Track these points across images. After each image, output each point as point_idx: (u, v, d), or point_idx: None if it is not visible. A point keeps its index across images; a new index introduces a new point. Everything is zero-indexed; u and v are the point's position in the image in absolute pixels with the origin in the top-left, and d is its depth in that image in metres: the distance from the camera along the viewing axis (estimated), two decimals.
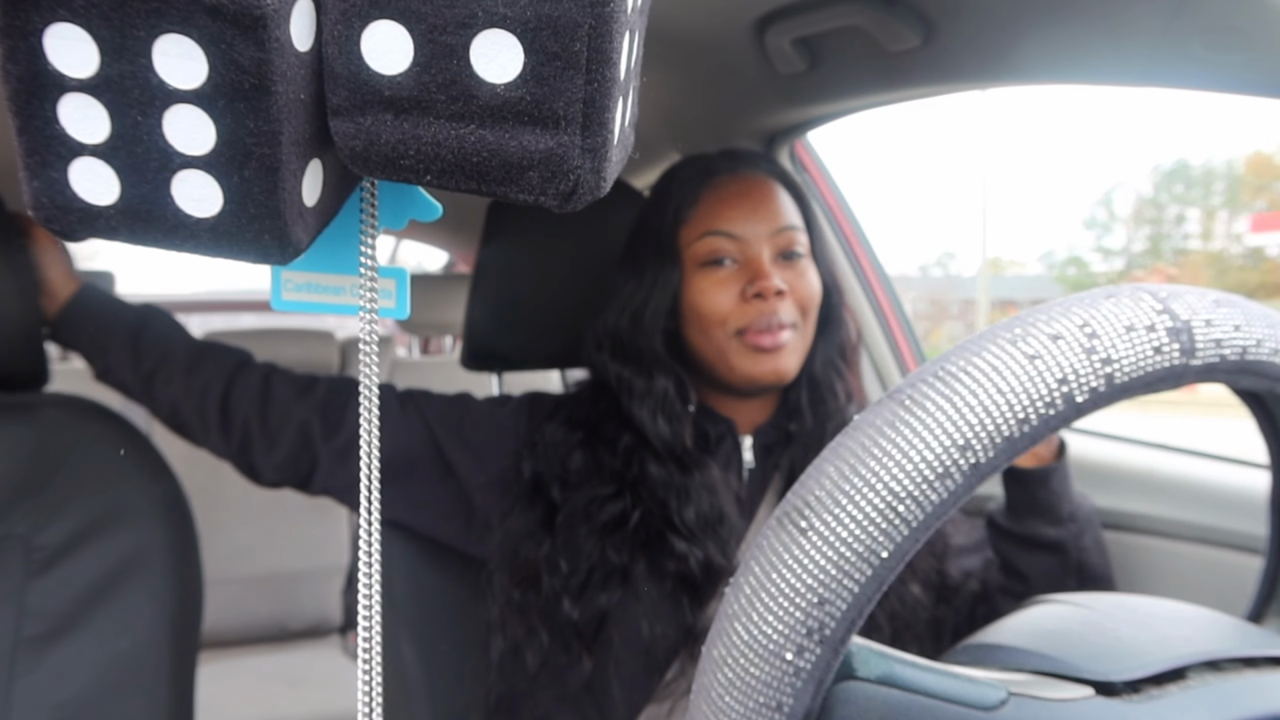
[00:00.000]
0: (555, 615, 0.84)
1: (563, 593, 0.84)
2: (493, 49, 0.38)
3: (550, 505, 0.87)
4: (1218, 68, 0.77)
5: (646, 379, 0.88)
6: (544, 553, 0.85)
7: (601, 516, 0.85)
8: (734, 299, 0.86)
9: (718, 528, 0.85)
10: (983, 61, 0.97)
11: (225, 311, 3.65)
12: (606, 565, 0.83)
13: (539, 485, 0.88)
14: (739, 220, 0.87)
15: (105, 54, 0.36)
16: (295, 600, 2.32)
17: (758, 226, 0.87)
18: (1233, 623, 0.44)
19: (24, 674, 0.79)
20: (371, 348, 0.47)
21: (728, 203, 0.88)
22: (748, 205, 0.88)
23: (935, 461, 0.32)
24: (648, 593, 0.82)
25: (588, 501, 0.86)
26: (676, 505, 0.84)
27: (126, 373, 0.91)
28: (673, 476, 0.85)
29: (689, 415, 0.88)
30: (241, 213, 0.39)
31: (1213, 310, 0.36)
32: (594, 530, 0.84)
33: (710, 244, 0.87)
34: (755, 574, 0.33)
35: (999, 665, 0.40)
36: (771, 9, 0.99)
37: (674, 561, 0.83)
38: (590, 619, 0.83)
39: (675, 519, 0.84)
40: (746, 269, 0.86)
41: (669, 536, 0.83)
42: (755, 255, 0.86)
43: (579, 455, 0.88)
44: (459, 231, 2.38)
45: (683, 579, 0.82)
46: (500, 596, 0.88)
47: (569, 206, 0.41)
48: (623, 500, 0.85)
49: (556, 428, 0.91)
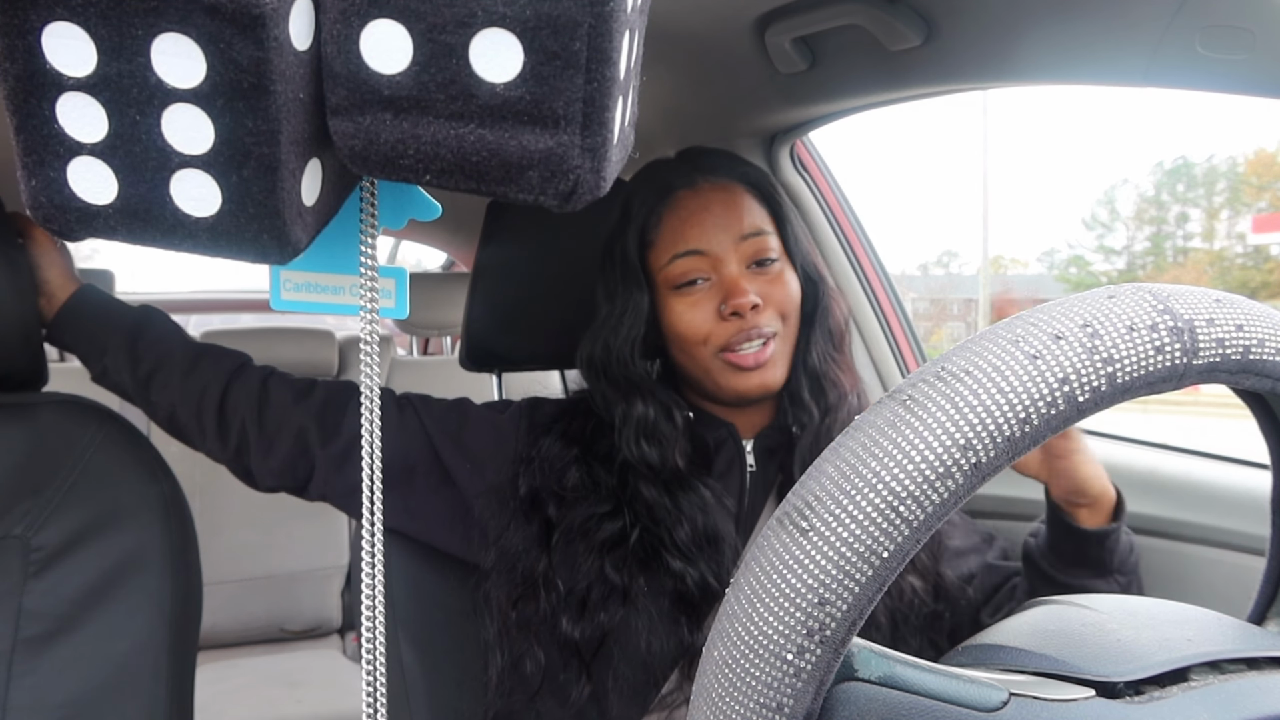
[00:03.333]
0: (554, 633, 0.84)
1: (561, 611, 0.83)
2: (492, 48, 0.38)
3: (547, 522, 0.87)
4: (1219, 68, 0.77)
5: (626, 404, 0.88)
6: (541, 570, 0.85)
7: (600, 535, 0.84)
8: (711, 318, 0.85)
9: (713, 547, 0.84)
10: (983, 61, 0.97)
11: (224, 311, 3.65)
12: (606, 584, 0.83)
13: (536, 501, 0.88)
14: (704, 236, 0.86)
15: (103, 53, 0.36)
16: (294, 601, 2.32)
17: (723, 238, 0.86)
18: (1235, 624, 0.43)
19: (22, 675, 0.79)
20: (372, 347, 0.47)
21: (690, 221, 0.87)
22: (710, 220, 0.87)
23: (936, 461, 0.32)
24: (647, 609, 0.82)
25: (585, 519, 0.85)
26: (670, 525, 0.84)
27: (124, 375, 0.91)
28: (663, 498, 0.85)
29: (677, 436, 0.88)
30: (240, 212, 0.39)
31: (1215, 310, 0.36)
32: (592, 548, 0.84)
33: (680, 266, 0.86)
34: (756, 574, 0.33)
35: (1000, 666, 0.40)
36: (772, 8, 0.99)
37: (671, 580, 0.83)
38: (590, 638, 0.83)
39: (668, 539, 0.83)
40: (719, 286, 0.86)
41: (664, 555, 0.83)
42: (727, 271, 0.86)
43: (574, 472, 0.88)
44: (458, 231, 2.38)
45: (680, 597, 0.82)
46: (498, 614, 0.87)
47: (569, 206, 0.41)
48: (621, 518, 0.85)
49: (553, 443, 0.90)
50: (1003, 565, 0.95)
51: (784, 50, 1.04)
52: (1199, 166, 21.27)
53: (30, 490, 0.83)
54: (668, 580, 0.83)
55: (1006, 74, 0.97)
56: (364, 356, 0.48)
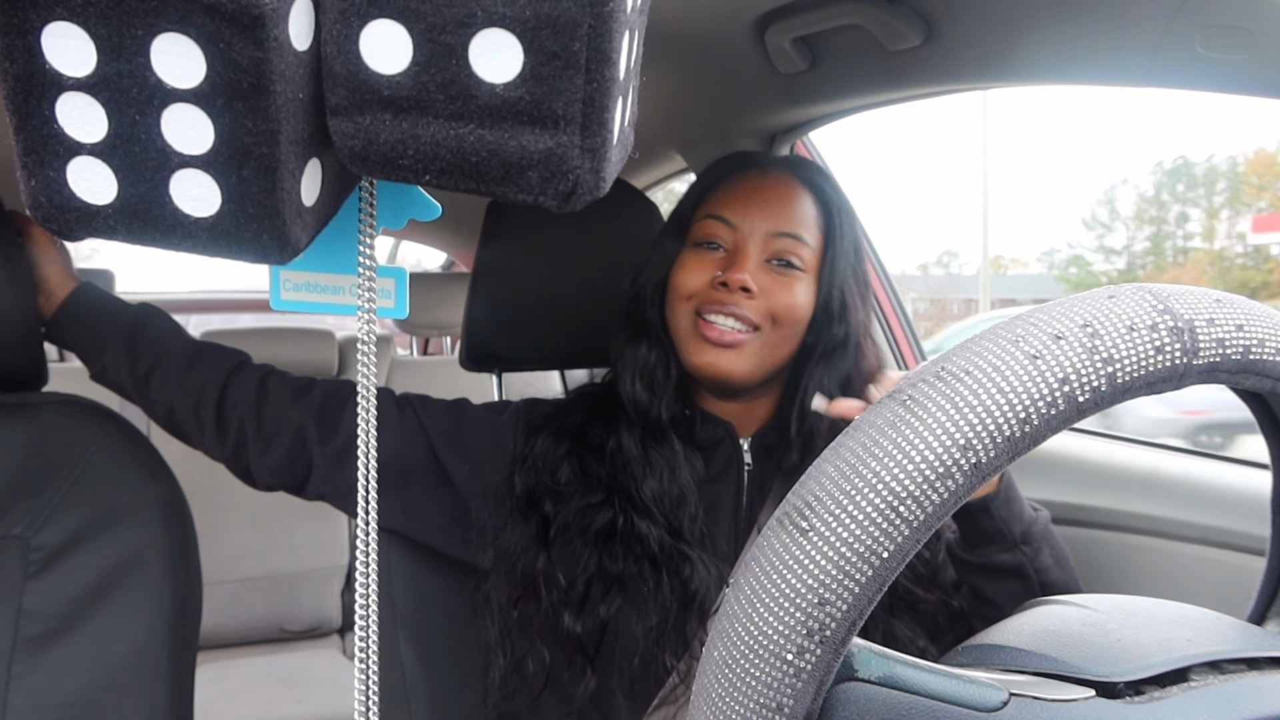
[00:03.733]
0: (556, 630, 0.84)
1: (563, 607, 0.83)
2: (492, 48, 0.38)
3: (544, 519, 0.87)
4: (1219, 68, 0.77)
5: (634, 345, 0.90)
6: (541, 567, 0.85)
7: (594, 526, 0.85)
8: (706, 280, 0.86)
9: (678, 507, 0.85)
10: (983, 61, 0.97)
11: (224, 311, 3.65)
12: (605, 576, 0.83)
13: (532, 499, 0.88)
14: (741, 211, 0.88)
15: (103, 53, 0.36)
16: (294, 601, 2.32)
17: (757, 223, 0.87)
18: (1235, 624, 0.43)
19: (22, 675, 0.79)
20: (370, 347, 0.47)
21: (741, 194, 0.89)
22: (757, 200, 0.88)
23: (936, 461, 0.32)
24: (636, 590, 0.82)
25: (579, 512, 0.86)
26: (638, 477, 0.86)
27: (123, 373, 0.91)
28: (636, 447, 0.87)
29: (670, 386, 0.89)
30: (240, 212, 0.39)
31: (1215, 310, 0.36)
32: (589, 541, 0.84)
33: (708, 226, 0.89)
34: (756, 574, 0.33)
35: (1000, 666, 0.40)
36: (772, 8, 0.99)
37: (639, 544, 0.83)
38: (591, 631, 0.83)
39: (635, 494, 0.85)
40: (729, 258, 0.87)
41: (633, 519, 0.84)
42: (744, 250, 0.86)
43: (567, 466, 0.89)
44: (458, 231, 2.38)
45: (651, 562, 0.83)
46: (499, 615, 0.87)
47: (568, 206, 0.41)
48: (612, 508, 0.85)
49: (545, 440, 0.91)
50: None
51: (784, 50, 1.04)
52: (1199, 166, 21.27)
53: (30, 490, 0.83)
54: (636, 545, 0.83)
55: (1006, 74, 0.97)
56: (361, 356, 0.48)
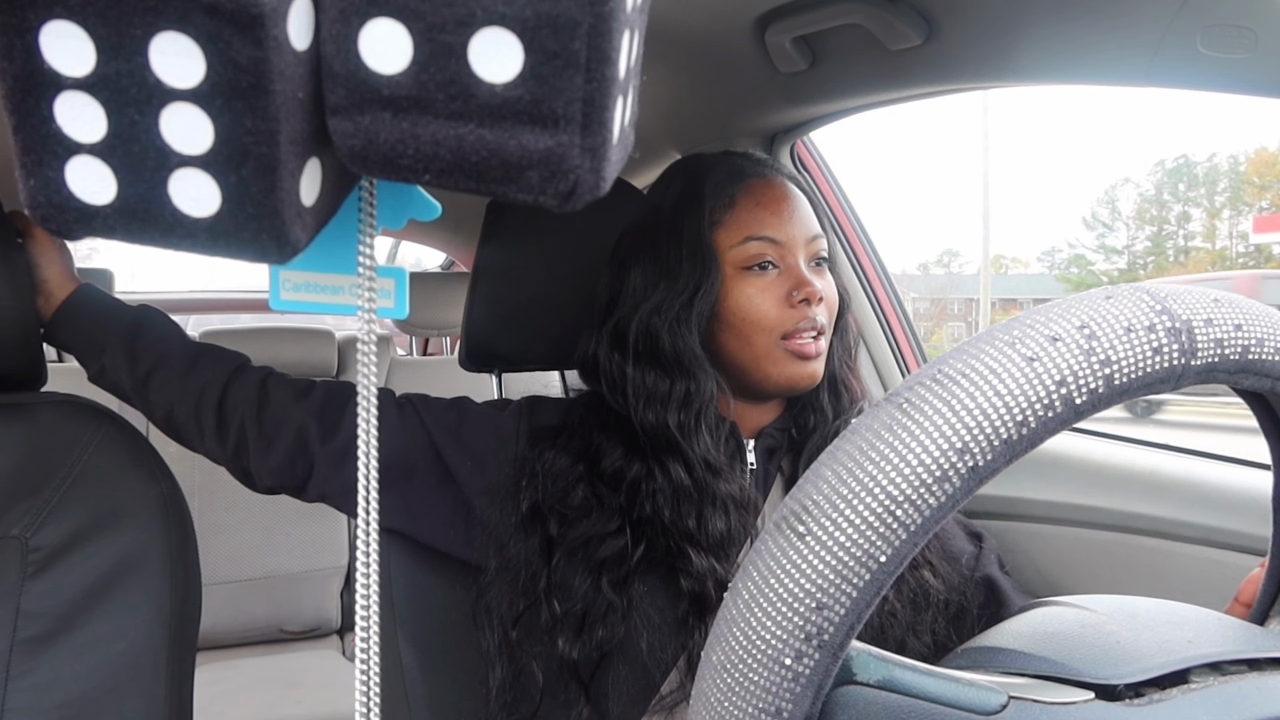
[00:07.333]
0: (553, 650, 0.83)
1: (559, 631, 0.82)
2: (492, 48, 0.38)
3: (549, 540, 0.86)
4: (1220, 67, 0.77)
5: (687, 382, 0.86)
6: (541, 587, 0.84)
7: (601, 553, 0.83)
8: (778, 304, 0.86)
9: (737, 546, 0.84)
10: (984, 60, 0.97)
11: (224, 311, 3.65)
12: (604, 602, 0.82)
13: (537, 516, 0.87)
14: (779, 225, 0.88)
15: (101, 52, 0.36)
16: (294, 602, 2.31)
17: (794, 232, 0.88)
18: (1236, 625, 0.43)
19: (21, 675, 0.79)
20: (370, 347, 0.47)
21: (767, 207, 0.88)
22: (786, 210, 0.89)
23: (933, 465, 0.32)
24: (651, 616, 0.81)
25: (587, 538, 0.84)
26: (704, 516, 0.83)
27: (122, 374, 0.90)
28: (705, 485, 0.84)
29: (716, 423, 0.88)
30: (239, 212, 0.39)
31: (1213, 310, 0.35)
32: (592, 568, 0.83)
33: (754, 248, 0.87)
34: (754, 579, 0.33)
35: (999, 669, 0.40)
36: (772, 7, 0.99)
37: (690, 581, 0.81)
38: (588, 655, 0.82)
39: (698, 533, 0.82)
40: (788, 275, 0.87)
41: (688, 552, 0.82)
42: (795, 261, 0.87)
43: (579, 490, 0.87)
44: (458, 231, 2.38)
45: (697, 599, 0.81)
46: (498, 627, 0.87)
47: (568, 206, 0.41)
48: (623, 536, 0.84)
49: (557, 456, 0.89)
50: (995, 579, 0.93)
51: (784, 50, 1.04)
52: (1200, 166, 21.24)
53: (29, 490, 0.83)
54: (686, 582, 0.81)
55: (1007, 74, 0.97)
56: (361, 356, 0.48)
